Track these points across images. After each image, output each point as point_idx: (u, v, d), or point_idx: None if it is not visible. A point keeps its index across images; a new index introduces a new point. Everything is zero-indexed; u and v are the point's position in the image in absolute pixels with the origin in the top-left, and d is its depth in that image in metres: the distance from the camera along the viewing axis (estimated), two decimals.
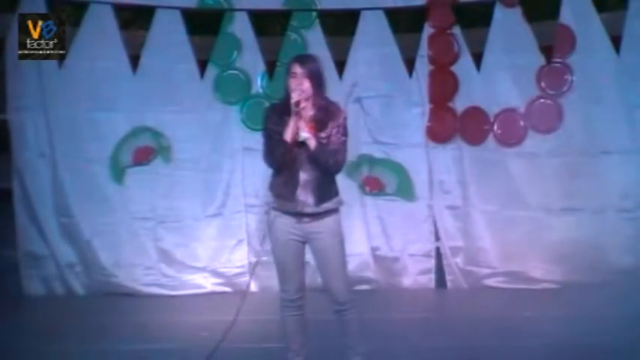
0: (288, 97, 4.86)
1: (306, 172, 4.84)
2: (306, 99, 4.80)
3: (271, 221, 4.91)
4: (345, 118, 4.96)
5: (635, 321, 6.42)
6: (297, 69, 4.84)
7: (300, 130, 4.77)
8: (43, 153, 8.16)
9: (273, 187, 4.92)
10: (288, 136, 4.76)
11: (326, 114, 4.86)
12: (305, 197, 4.84)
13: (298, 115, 4.76)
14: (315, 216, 4.86)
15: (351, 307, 4.93)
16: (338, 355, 4.99)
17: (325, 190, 4.87)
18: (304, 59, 4.96)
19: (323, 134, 4.83)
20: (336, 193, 4.93)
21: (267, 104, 7.40)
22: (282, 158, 4.79)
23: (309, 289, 5.02)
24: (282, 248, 4.93)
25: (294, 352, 5.00)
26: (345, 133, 4.91)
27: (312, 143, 4.79)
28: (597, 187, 7.92)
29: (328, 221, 4.90)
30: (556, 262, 7.94)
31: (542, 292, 7.85)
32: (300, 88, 4.80)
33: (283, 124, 4.80)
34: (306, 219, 4.87)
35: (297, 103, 4.76)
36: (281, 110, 4.88)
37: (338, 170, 4.94)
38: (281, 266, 4.97)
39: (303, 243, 4.94)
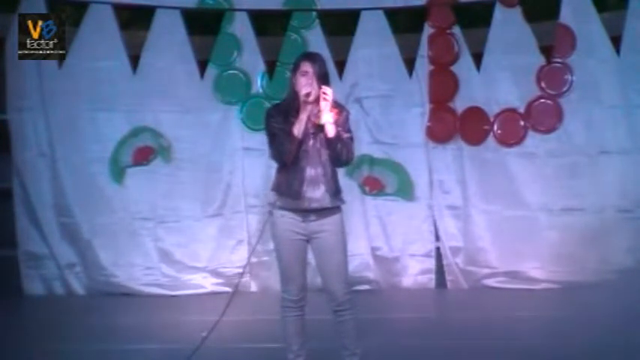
0: (292, 95, 4.87)
1: (313, 167, 4.84)
2: (315, 95, 4.81)
3: (275, 221, 4.91)
4: (348, 117, 4.98)
5: (635, 321, 6.41)
6: (309, 68, 4.85)
7: (322, 112, 4.77)
8: (43, 153, 8.16)
9: (278, 186, 4.91)
10: (297, 130, 4.75)
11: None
12: (312, 193, 4.84)
13: (309, 105, 4.77)
14: (321, 213, 4.86)
15: (349, 308, 4.92)
16: (337, 355, 4.99)
17: (332, 185, 4.88)
18: (314, 58, 4.93)
19: None
20: (340, 191, 4.95)
21: (267, 104, 7.43)
22: (291, 153, 4.78)
23: (309, 289, 5.01)
24: (286, 248, 4.92)
25: (294, 352, 4.99)
26: (349, 130, 4.94)
27: (331, 129, 4.80)
28: (597, 187, 7.92)
29: (332, 220, 4.90)
30: (556, 262, 7.94)
31: (542, 292, 7.86)
32: (311, 86, 4.81)
33: (289, 124, 4.80)
34: (311, 217, 4.87)
35: (308, 95, 4.77)
36: (285, 110, 4.89)
37: (348, 162, 4.98)
38: (284, 266, 4.96)
39: (307, 242, 4.93)
